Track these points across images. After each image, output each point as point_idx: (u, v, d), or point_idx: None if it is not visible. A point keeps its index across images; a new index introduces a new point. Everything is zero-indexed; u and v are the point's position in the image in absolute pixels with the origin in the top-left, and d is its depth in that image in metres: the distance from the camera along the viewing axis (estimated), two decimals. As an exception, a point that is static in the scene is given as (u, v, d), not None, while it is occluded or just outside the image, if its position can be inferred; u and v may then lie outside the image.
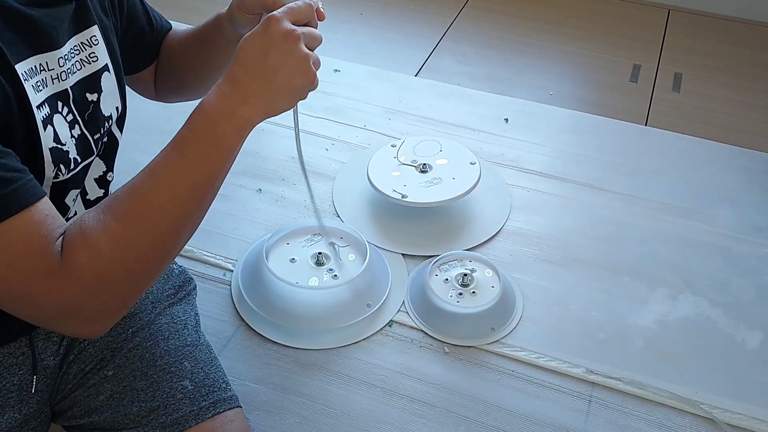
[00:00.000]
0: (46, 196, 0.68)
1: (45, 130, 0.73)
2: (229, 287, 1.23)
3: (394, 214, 1.36)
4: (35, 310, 0.68)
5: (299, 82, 0.74)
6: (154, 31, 0.99)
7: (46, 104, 0.74)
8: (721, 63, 1.93)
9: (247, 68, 0.71)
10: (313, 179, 1.45)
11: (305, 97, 0.77)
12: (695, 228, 1.37)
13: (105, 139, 0.87)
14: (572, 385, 1.10)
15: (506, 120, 1.64)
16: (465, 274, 1.20)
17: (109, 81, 0.85)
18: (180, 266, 1.08)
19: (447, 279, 1.21)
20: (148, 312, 0.97)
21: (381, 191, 1.31)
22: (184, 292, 1.04)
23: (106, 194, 0.88)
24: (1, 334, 0.83)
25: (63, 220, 0.69)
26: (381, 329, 1.18)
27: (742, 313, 1.22)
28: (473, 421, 1.05)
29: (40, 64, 0.73)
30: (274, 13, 0.72)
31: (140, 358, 0.91)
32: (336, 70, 1.79)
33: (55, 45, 0.75)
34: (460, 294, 1.18)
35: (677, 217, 1.40)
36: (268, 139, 1.56)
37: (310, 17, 0.76)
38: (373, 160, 1.38)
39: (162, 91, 1.07)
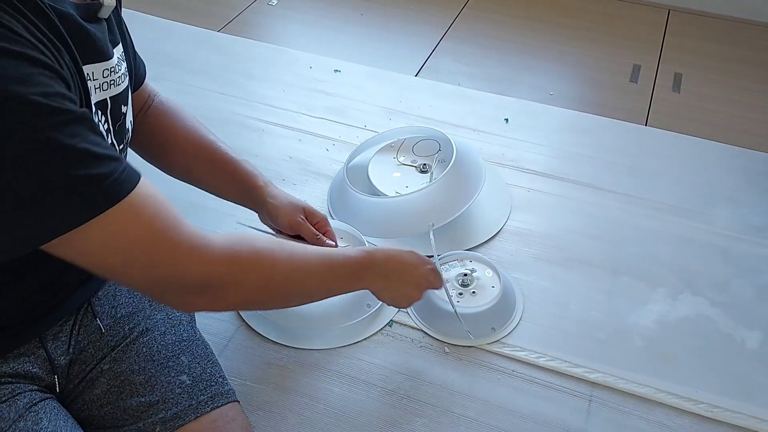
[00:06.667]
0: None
1: None
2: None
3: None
4: (176, 277, 0.75)
5: (404, 302, 1.03)
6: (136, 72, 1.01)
7: (96, 108, 0.78)
8: (721, 63, 1.93)
9: (392, 269, 0.99)
10: (313, 179, 1.45)
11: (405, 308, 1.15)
12: (695, 228, 1.37)
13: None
14: (572, 385, 1.10)
15: (506, 120, 1.65)
16: (465, 274, 1.20)
17: (130, 98, 0.88)
18: None
19: (447, 279, 1.21)
20: (145, 309, 0.97)
21: (382, 191, 1.31)
22: None
23: None
24: (15, 338, 0.84)
25: None
26: (381, 329, 1.18)
27: (742, 313, 1.22)
28: (473, 421, 1.05)
29: (91, 72, 0.77)
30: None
31: (137, 353, 0.92)
32: (336, 70, 1.80)
33: (105, 56, 0.79)
34: (461, 294, 1.18)
35: (677, 217, 1.40)
36: (269, 139, 1.56)
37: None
38: (372, 161, 1.38)
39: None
